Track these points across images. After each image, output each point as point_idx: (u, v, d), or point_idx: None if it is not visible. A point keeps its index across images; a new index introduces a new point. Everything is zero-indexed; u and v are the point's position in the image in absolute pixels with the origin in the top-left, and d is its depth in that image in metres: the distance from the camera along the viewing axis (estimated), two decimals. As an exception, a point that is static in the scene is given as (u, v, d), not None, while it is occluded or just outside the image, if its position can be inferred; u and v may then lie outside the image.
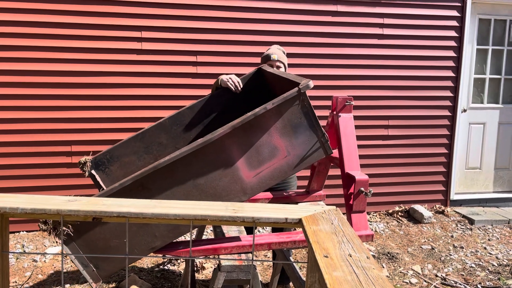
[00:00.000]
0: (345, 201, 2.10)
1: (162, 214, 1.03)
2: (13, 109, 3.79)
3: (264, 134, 1.77)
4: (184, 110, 2.47)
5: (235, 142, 1.74)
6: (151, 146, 2.43)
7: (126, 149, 2.38)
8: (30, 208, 1.01)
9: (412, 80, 4.61)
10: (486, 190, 5.09)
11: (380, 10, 4.42)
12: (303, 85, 1.75)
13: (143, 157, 2.42)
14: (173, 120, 2.45)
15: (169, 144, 2.45)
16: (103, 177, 2.33)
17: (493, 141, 5.02)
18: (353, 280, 0.73)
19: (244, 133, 1.75)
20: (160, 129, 2.43)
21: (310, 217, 1.04)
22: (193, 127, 2.49)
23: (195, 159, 1.71)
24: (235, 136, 1.73)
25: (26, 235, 3.88)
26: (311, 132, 1.84)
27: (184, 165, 1.70)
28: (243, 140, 1.75)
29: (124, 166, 2.38)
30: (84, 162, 2.27)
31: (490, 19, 4.83)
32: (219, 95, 2.52)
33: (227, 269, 1.96)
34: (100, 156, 2.35)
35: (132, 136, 2.39)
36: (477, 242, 4.07)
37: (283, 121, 1.79)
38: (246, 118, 1.71)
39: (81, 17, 3.81)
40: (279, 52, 2.87)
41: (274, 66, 2.83)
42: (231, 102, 2.53)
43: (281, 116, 1.78)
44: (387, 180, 4.68)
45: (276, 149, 1.81)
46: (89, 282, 1.63)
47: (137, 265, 3.43)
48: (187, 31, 4.04)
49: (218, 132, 1.69)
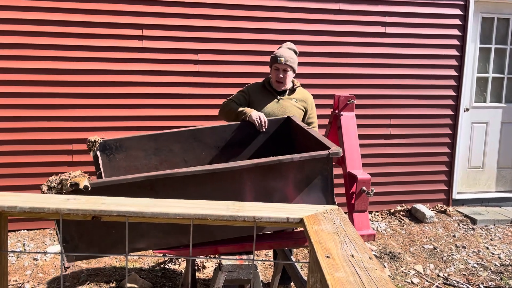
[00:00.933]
0: (347, 201, 2.09)
1: (162, 213, 1.02)
2: (14, 107, 3.78)
3: (280, 181, 1.82)
4: (205, 128, 2.52)
5: (252, 179, 1.79)
6: (161, 150, 2.45)
7: (136, 144, 2.40)
8: (29, 207, 1.00)
9: (414, 78, 4.59)
10: (488, 190, 5.07)
11: (383, 8, 4.40)
12: (333, 151, 1.81)
13: (150, 157, 2.43)
14: (191, 134, 2.49)
15: (179, 154, 2.48)
16: (105, 162, 2.33)
17: (496, 140, 4.99)
18: (355, 281, 0.72)
19: (263, 174, 1.79)
20: (176, 137, 2.46)
21: (311, 217, 1.02)
22: (207, 147, 2.53)
23: (209, 180, 1.74)
24: (254, 173, 1.78)
25: (26, 233, 3.87)
26: (322, 196, 1.88)
27: (198, 182, 1.73)
28: (260, 180, 1.80)
29: (129, 158, 2.39)
30: (94, 141, 2.27)
31: (493, 17, 4.80)
32: (242, 126, 2.56)
33: (228, 269, 1.95)
34: (110, 141, 2.36)
35: (147, 134, 2.42)
36: (479, 242, 4.05)
37: (302, 176, 1.83)
38: (270, 161, 1.77)
39: (82, 15, 3.80)
40: (288, 53, 2.76)
41: (281, 70, 2.75)
42: (250, 137, 2.58)
43: (302, 171, 1.83)
44: (389, 179, 4.66)
45: (286, 199, 1.85)
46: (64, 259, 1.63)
47: (137, 264, 3.42)
48: (188, 29, 4.03)
49: (240, 164, 1.76)
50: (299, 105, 2.84)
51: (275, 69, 2.78)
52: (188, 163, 2.49)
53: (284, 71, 2.74)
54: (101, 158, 2.29)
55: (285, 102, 2.82)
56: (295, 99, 2.84)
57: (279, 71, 2.75)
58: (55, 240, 3.77)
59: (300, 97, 2.86)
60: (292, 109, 2.82)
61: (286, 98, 2.83)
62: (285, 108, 2.81)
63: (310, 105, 2.89)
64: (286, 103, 2.82)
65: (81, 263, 3.39)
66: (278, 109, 2.80)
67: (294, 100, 2.84)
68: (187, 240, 1.76)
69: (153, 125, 4.04)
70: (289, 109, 2.81)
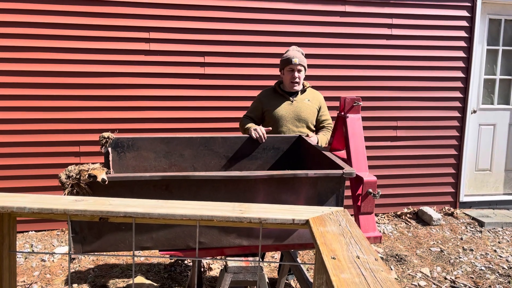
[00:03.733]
0: (353, 203, 2.08)
1: (169, 214, 1.02)
2: (22, 110, 3.82)
3: (292, 195, 1.84)
4: (218, 137, 2.55)
5: (265, 189, 1.81)
6: (172, 154, 2.48)
7: (149, 145, 2.44)
8: (37, 207, 1.01)
9: (421, 81, 4.57)
10: (496, 192, 5.03)
11: (389, 10, 4.39)
12: (347, 171, 1.84)
13: (160, 160, 2.46)
14: (204, 141, 2.52)
15: (189, 159, 2.51)
16: (115, 159, 2.36)
17: (504, 142, 4.96)
18: (361, 283, 0.72)
19: (276, 186, 1.81)
20: (188, 142, 2.49)
21: (317, 218, 1.03)
22: (217, 156, 2.56)
23: (224, 187, 1.77)
24: (268, 184, 1.80)
25: (34, 234, 3.90)
26: None
27: (212, 187, 1.76)
28: (272, 191, 1.82)
29: (139, 158, 2.42)
30: (108, 137, 2.29)
31: (500, 19, 4.77)
32: (255, 140, 2.60)
33: (233, 270, 1.95)
34: (123, 139, 2.39)
35: (160, 137, 2.46)
36: (487, 245, 4.02)
37: (314, 193, 1.85)
38: (285, 175, 1.80)
39: (90, 18, 3.84)
40: (299, 55, 2.86)
41: (295, 70, 2.83)
42: (261, 151, 2.62)
43: (315, 187, 1.85)
44: (396, 181, 4.64)
45: None
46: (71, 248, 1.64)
47: (144, 265, 3.43)
48: (195, 31, 4.05)
49: (256, 174, 1.79)
50: (312, 104, 2.91)
51: (289, 71, 2.86)
52: (196, 170, 2.52)
53: (298, 71, 2.83)
54: (111, 155, 2.30)
55: (299, 103, 2.90)
56: (308, 99, 2.91)
57: (293, 72, 2.84)
58: (63, 241, 3.80)
59: (311, 97, 2.96)
60: (306, 108, 2.88)
61: (299, 98, 2.91)
62: (299, 109, 2.87)
63: (322, 103, 3.01)
64: (299, 103, 2.89)
65: (88, 264, 3.41)
66: (292, 111, 2.86)
67: (307, 100, 2.91)
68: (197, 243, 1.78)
69: (159, 127, 4.06)
70: (303, 109, 2.88)
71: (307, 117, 2.88)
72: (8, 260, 1.08)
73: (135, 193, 1.68)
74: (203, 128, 4.15)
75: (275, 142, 2.62)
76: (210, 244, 1.82)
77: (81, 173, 1.61)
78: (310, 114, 2.90)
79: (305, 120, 2.88)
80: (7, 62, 3.74)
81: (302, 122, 2.88)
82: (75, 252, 1.70)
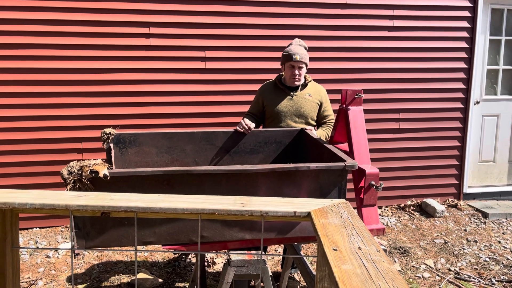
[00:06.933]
0: (356, 195, 2.08)
1: (170, 208, 1.02)
2: (24, 107, 3.83)
3: (294, 188, 1.83)
4: (219, 132, 2.56)
5: (267, 183, 1.80)
6: (174, 149, 2.48)
7: (150, 140, 2.44)
8: (39, 203, 1.01)
9: (423, 72, 4.54)
10: (500, 183, 5.01)
11: (390, 1, 4.36)
12: (349, 164, 1.83)
13: (162, 155, 2.46)
14: (205, 136, 2.53)
15: (190, 154, 2.52)
16: (117, 155, 2.36)
17: (507, 133, 4.93)
18: (362, 273, 0.72)
19: (278, 179, 1.80)
20: (189, 138, 2.50)
21: (319, 211, 1.02)
22: (219, 151, 2.57)
23: (225, 181, 1.77)
24: (269, 178, 1.79)
25: (39, 231, 3.92)
26: None
27: (214, 181, 1.76)
28: (274, 185, 1.81)
29: (141, 154, 2.43)
30: (109, 133, 2.29)
31: (503, 9, 4.73)
32: (256, 135, 2.62)
33: (237, 264, 1.95)
34: (125, 135, 2.39)
35: (162, 132, 2.47)
36: (491, 236, 4.01)
37: (316, 186, 1.85)
38: (287, 168, 1.79)
39: (90, 14, 3.83)
40: (301, 50, 2.79)
41: (296, 67, 2.78)
42: (263, 146, 2.63)
43: (317, 180, 1.84)
44: (399, 173, 4.63)
45: None
46: (74, 243, 1.66)
47: (148, 260, 3.45)
48: (195, 26, 4.03)
49: (257, 167, 1.78)
50: (313, 99, 2.86)
51: (289, 67, 2.80)
52: (199, 164, 2.52)
53: (299, 68, 2.78)
54: (113, 151, 2.31)
55: (299, 97, 2.85)
56: (309, 93, 2.86)
57: (294, 69, 2.79)
58: (67, 237, 3.82)
59: (313, 91, 2.89)
60: (307, 103, 2.84)
61: (299, 93, 2.86)
62: (299, 104, 2.83)
63: (324, 97, 2.92)
64: (299, 98, 2.85)
65: (93, 260, 3.42)
66: (292, 106, 2.82)
67: (308, 94, 2.86)
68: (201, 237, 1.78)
69: (161, 123, 4.06)
70: (303, 104, 2.83)
71: (307, 112, 2.84)
72: (11, 256, 1.08)
73: (137, 188, 1.68)
74: (204, 123, 4.15)
75: (277, 136, 2.62)
76: (212, 238, 1.82)
77: (83, 169, 1.62)
78: (311, 110, 2.86)
79: (304, 116, 2.84)
80: (8, 60, 3.74)
81: (301, 118, 2.84)
82: (79, 247, 1.71)
